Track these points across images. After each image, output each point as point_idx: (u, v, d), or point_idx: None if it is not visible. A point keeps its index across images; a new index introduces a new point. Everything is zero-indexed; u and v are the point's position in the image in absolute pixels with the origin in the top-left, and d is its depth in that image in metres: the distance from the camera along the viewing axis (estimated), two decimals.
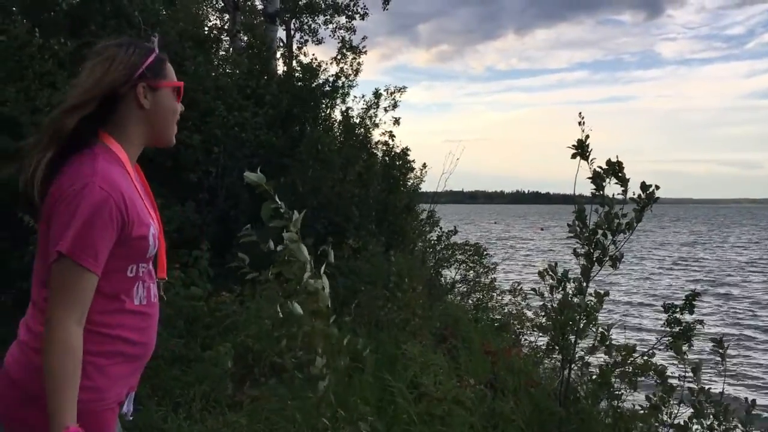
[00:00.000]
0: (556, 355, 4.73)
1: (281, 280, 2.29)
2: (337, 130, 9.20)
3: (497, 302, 9.90)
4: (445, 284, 9.64)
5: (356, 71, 12.89)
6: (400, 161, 9.13)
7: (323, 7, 13.65)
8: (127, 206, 1.53)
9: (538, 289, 4.06)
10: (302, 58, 12.77)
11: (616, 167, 3.61)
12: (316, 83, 8.47)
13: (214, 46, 8.79)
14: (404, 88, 12.72)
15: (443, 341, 5.97)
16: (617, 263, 3.73)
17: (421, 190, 10.59)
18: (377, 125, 11.63)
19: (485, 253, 10.56)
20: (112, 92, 1.59)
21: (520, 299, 9.67)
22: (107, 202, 1.49)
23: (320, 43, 14.70)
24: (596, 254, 3.73)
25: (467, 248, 10.37)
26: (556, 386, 4.49)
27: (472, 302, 9.72)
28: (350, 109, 9.96)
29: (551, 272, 3.91)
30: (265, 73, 8.40)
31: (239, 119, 7.08)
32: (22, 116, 5.47)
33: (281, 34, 13.49)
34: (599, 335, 3.80)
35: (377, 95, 12.13)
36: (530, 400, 4.29)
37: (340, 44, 13.68)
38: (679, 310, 3.85)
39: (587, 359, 3.98)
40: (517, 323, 8.81)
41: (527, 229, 66.40)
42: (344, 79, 9.24)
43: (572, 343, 3.86)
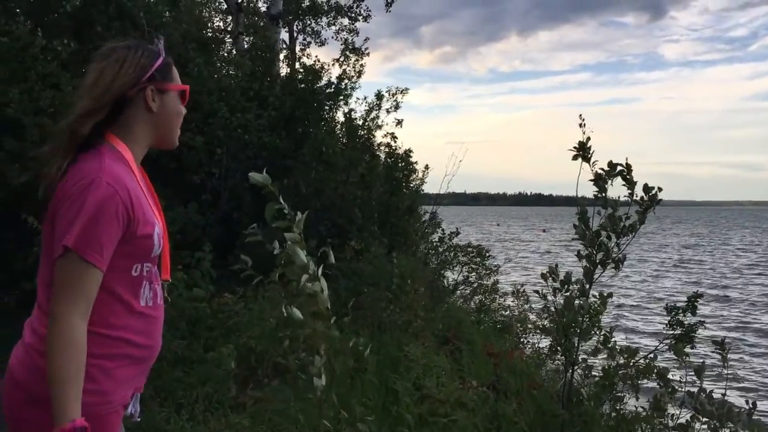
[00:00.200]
0: (558, 357, 4.73)
1: (285, 281, 2.29)
2: (339, 131, 9.21)
3: (500, 304, 9.89)
4: (447, 286, 9.63)
5: (359, 73, 12.90)
6: (402, 163, 9.14)
7: (326, 9, 13.66)
8: (132, 204, 1.54)
9: (541, 291, 4.06)
10: (305, 59, 12.79)
11: (623, 169, 3.60)
12: (319, 85, 8.48)
13: (217, 47, 8.81)
14: (406, 89, 12.72)
15: (446, 343, 5.97)
16: (620, 265, 3.73)
17: (423, 191, 10.59)
18: (380, 127, 11.64)
19: (487, 255, 10.54)
20: (123, 95, 1.60)
21: (522, 301, 9.66)
22: (113, 198, 1.49)
23: (323, 44, 14.71)
24: (599, 256, 3.72)
25: (470, 250, 10.36)
26: (558, 388, 4.49)
27: (474, 304, 9.71)
28: (353, 110, 9.98)
29: (554, 274, 3.91)
30: (268, 74, 8.41)
31: (242, 121, 7.09)
32: (25, 118, 5.49)
33: (284, 35, 13.51)
34: (602, 337, 3.79)
35: (379, 97, 12.13)
36: (533, 402, 4.29)
37: (342, 46, 13.70)
38: (681, 311, 3.85)
39: (590, 361, 3.98)
40: (519, 325, 8.80)
41: (529, 231, 66.34)
42: (347, 81, 9.23)
43: (575, 345, 3.85)
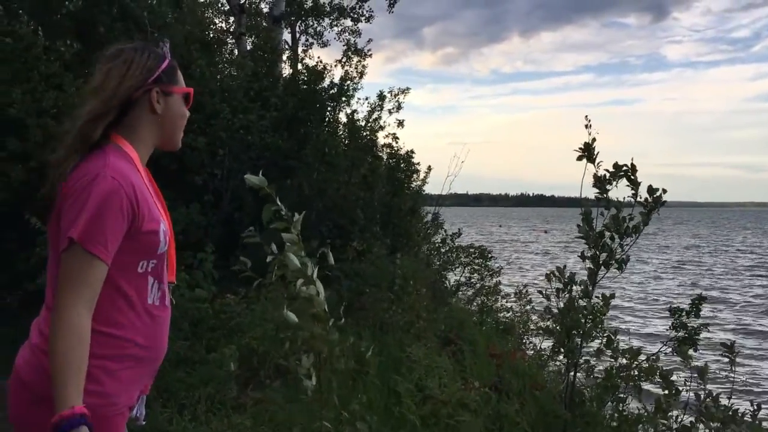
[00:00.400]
0: (561, 357, 4.72)
1: (285, 282, 2.29)
2: (342, 132, 9.20)
3: (502, 305, 9.88)
4: (449, 287, 9.62)
5: (361, 74, 12.88)
6: (404, 164, 9.14)
7: (329, 10, 13.66)
8: (137, 199, 1.55)
9: (544, 291, 4.05)
10: (307, 60, 12.80)
11: (628, 170, 3.60)
12: (321, 86, 8.48)
13: (219, 49, 8.82)
14: (408, 89, 12.68)
15: (448, 344, 5.96)
16: (623, 266, 3.72)
17: (425, 192, 10.57)
18: (382, 127, 11.63)
19: (490, 255, 10.53)
20: (128, 96, 1.62)
21: (524, 302, 9.65)
22: (118, 192, 1.50)
23: (325, 45, 14.71)
24: (603, 257, 3.72)
25: (472, 251, 10.35)
26: (561, 389, 4.48)
27: (476, 305, 9.71)
28: (355, 111, 9.97)
29: (560, 274, 3.90)
30: (270, 75, 8.42)
31: (244, 122, 7.09)
32: (28, 118, 5.50)
33: (287, 36, 13.51)
34: (605, 339, 3.78)
35: (381, 97, 12.11)
36: (535, 402, 4.28)
37: (345, 47, 13.69)
38: (684, 314, 3.83)
39: (593, 362, 3.97)
40: (521, 326, 8.79)
41: (530, 231, 66.31)
42: (349, 82, 9.23)
43: (578, 345, 3.85)
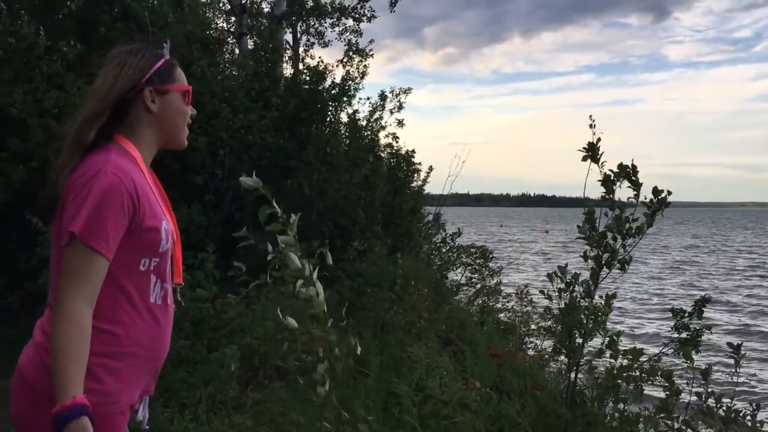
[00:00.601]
0: (562, 357, 4.71)
1: (282, 282, 2.29)
2: (343, 132, 9.21)
3: (503, 305, 9.88)
4: (450, 287, 9.63)
5: (362, 74, 12.89)
6: (405, 163, 9.14)
7: (330, 10, 13.65)
8: (138, 195, 1.56)
9: (546, 291, 4.04)
10: (309, 60, 12.79)
11: (629, 171, 3.59)
12: (323, 86, 8.48)
13: (220, 48, 8.82)
14: (409, 89, 12.70)
15: (449, 344, 5.96)
16: (626, 266, 3.71)
17: (426, 192, 10.58)
18: (383, 127, 11.64)
19: (491, 256, 10.54)
20: (122, 97, 1.64)
21: (526, 302, 9.65)
22: (118, 187, 1.51)
23: (326, 45, 14.71)
24: (605, 257, 3.71)
25: (473, 251, 10.36)
26: (562, 389, 4.48)
27: (477, 305, 9.71)
28: (357, 111, 9.97)
29: (561, 274, 3.90)
30: (271, 75, 8.42)
31: (245, 122, 7.09)
32: (30, 118, 5.50)
33: (287, 37, 13.51)
34: (608, 340, 3.77)
35: (383, 97, 12.12)
36: (536, 403, 4.28)
37: (346, 47, 13.69)
38: (687, 315, 3.82)
39: (594, 362, 3.96)
40: (522, 326, 8.79)
41: (531, 231, 66.29)
42: (351, 82, 9.23)
43: (579, 345, 3.84)
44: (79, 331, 1.45)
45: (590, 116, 3.69)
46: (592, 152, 3.68)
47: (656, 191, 3.62)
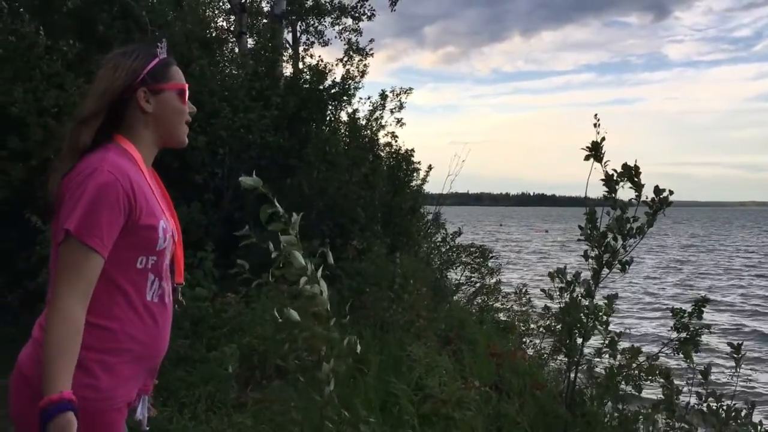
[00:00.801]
0: (561, 357, 4.71)
1: (285, 281, 2.29)
2: (343, 131, 9.21)
3: (502, 304, 9.89)
4: (450, 286, 9.63)
5: (362, 73, 12.89)
6: (404, 163, 9.14)
7: (330, 8, 13.64)
8: (135, 192, 1.57)
9: (547, 290, 4.04)
10: (308, 59, 12.78)
11: (631, 171, 3.59)
12: (323, 85, 8.47)
13: (220, 47, 8.81)
14: (410, 89, 12.70)
15: (448, 343, 5.97)
16: (626, 267, 3.72)
17: (426, 191, 10.58)
18: (383, 126, 11.64)
19: (491, 255, 10.54)
20: (117, 98, 1.65)
21: (525, 301, 9.66)
22: (114, 185, 1.52)
23: (326, 44, 14.69)
24: (606, 257, 3.71)
25: (473, 250, 10.36)
26: (561, 389, 4.48)
27: (477, 304, 9.72)
28: (357, 110, 9.97)
29: (562, 274, 3.90)
30: (271, 74, 8.41)
31: (245, 121, 7.09)
32: (29, 117, 5.50)
33: (287, 36, 13.50)
34: (608, 340, 3.78)
35: (383, 97, 12.12)
36: (535, 402, 4.28)
37: (346, 46, 13.68)
38: (687, 315, 3.82)
39: (593, 362, 3.97)
40: (522, 325, 8.80)
41: (531, 231, 66.25)
42: (351, 81, 9.23)
43: (579, 345, 3.84)
44: (71, 327, 1.46)
45: (595, 115, 3.69)
46: (595, 151, 3.68)
47: (658, 191, 3.62)
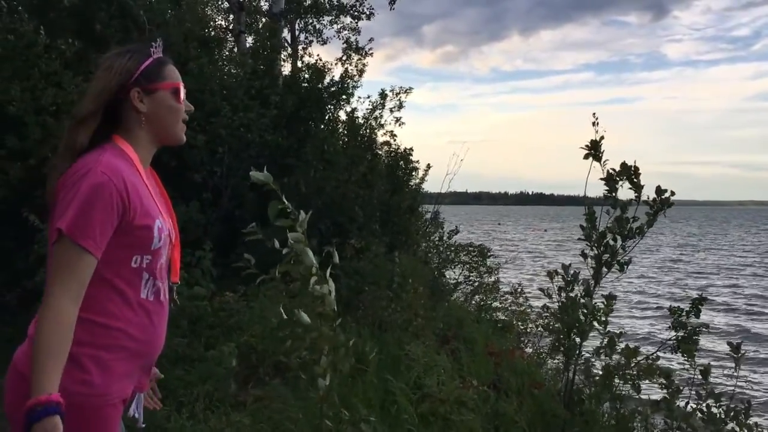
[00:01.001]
0: (559, 356, 4.72)
1: (287, 279, 2.29)
2: (342, 130, 9.20)
3: (501, 303, 9.89)
4: (448, 285, 9.63)
5: (361, 72, 12.86)
6: (403, 162, 9.14)
7: (328, 7, 13.62)
8: (129, 193, 1.57)
9: (546, 290, 4.05)
10: (307, 58, 12.76)
11: (631, 171, 3.59)
12: (322, 84, 8.47)
13: (219, 46, 8.79)
14: (410, 89, 12.67)
15: (446, 342, 5.97)
16: (625, 267, 3.72)
17: (425, 190, 10.58)
18: (382, 126, 11.62)
19: (489, 254, 10.55)
20: (113, 99, 1.67)
21: (521, 300, 9.66)
22: (107, 185, 1.53)
23: (325, 43, 14.68)
24: (605, 257, 3.71)
25: (471, 249, 10.37)
26: (559, 388, 4.48)
27: (475, 303, 9.72)
28: (355, 110, 9.96)
29: (564, 271, 3.90)
30: (270, 73, 8.40)
31: (244, 120, 7.08)
32: (27, 116, 5.49)
33: (285, 35, 13.47)
34: (607, 340, 3.78)
35: (383, 96, 12.09)
36: (534, 401, 4.29)
37: (344, 45, 13.66)
38: (684, 314, 3.83)
39: (592, 361, 3.97)
40: (520, 324, 8.80)
41: (529, 230, 66.25)
42: (349, 80, 9.22)
43: (577, 344, 3.85)
44: (63, 327, 1.46)
45: (594, 114, 3.69)
46: (594, 150, 3.68)
47: (659, 191, 3.62)
